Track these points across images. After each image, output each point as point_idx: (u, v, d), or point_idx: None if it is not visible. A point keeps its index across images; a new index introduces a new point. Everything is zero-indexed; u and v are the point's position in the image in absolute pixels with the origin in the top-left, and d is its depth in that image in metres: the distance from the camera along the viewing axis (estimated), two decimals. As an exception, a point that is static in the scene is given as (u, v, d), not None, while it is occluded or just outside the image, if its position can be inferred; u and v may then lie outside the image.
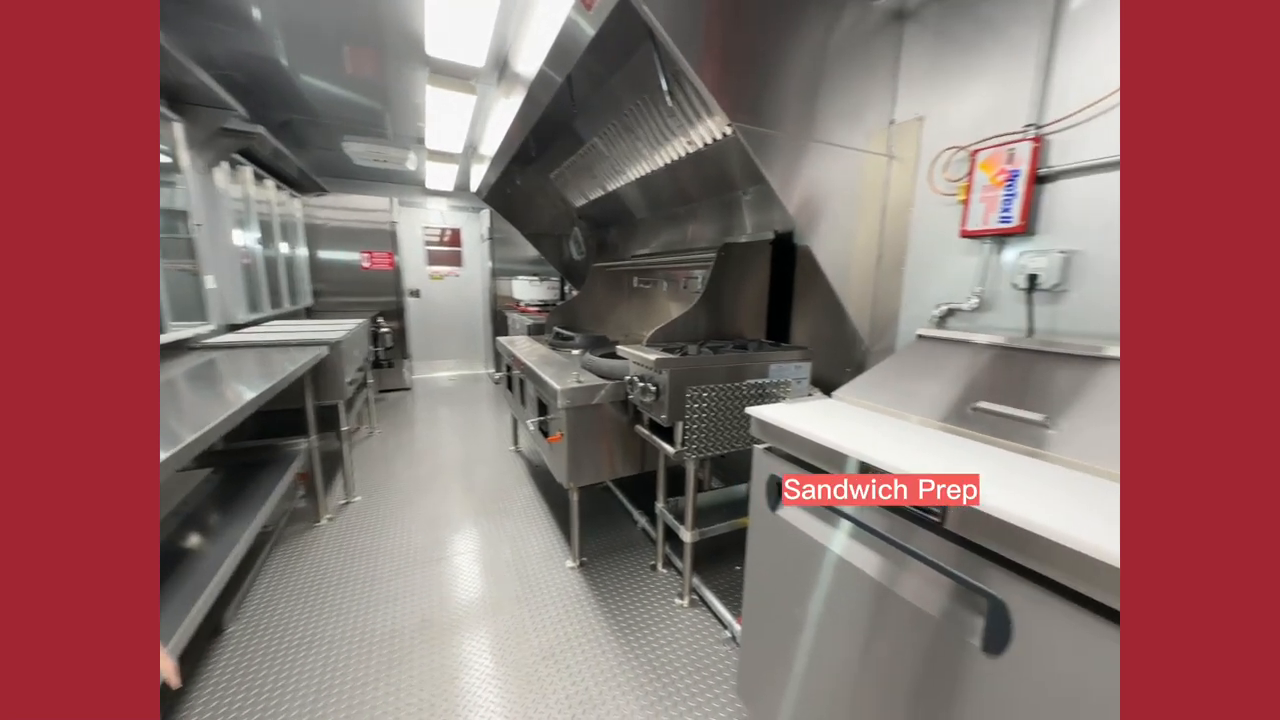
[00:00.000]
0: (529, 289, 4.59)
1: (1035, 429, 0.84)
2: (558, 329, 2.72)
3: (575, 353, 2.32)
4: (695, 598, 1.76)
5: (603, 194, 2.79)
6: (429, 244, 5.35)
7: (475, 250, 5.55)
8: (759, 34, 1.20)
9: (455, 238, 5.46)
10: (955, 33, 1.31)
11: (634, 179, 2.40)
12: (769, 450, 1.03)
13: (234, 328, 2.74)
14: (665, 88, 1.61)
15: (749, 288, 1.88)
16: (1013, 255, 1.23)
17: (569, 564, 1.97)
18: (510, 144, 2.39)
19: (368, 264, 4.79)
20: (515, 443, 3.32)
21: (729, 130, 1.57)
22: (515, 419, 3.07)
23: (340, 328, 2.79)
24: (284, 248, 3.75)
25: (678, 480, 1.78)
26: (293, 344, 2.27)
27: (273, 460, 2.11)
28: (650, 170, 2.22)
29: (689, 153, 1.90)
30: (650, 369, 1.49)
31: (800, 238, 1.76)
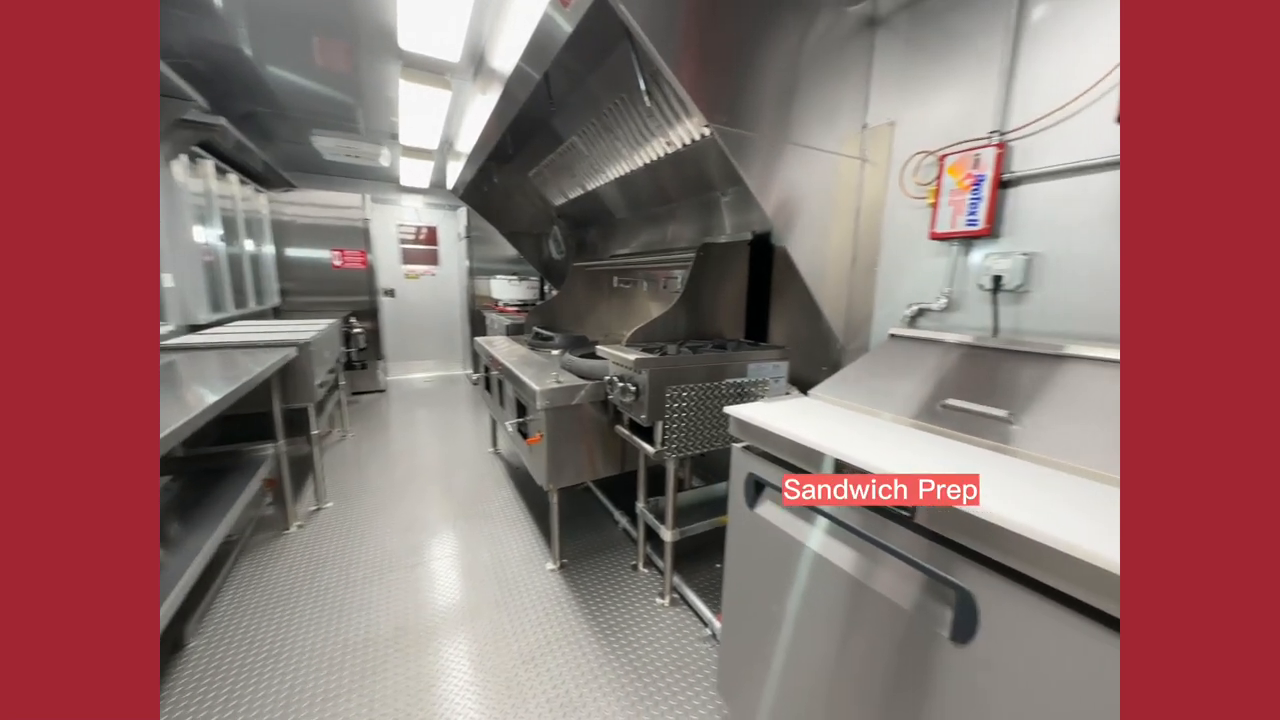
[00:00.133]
0: (508, 288, 4.53)
1: (1000, 425, 0.87)
2: (537, 329, 2.69)
3: (555, 353, 2.30)
4: (676, 596, 1.76)
5: (582, 193, 2.77)
6: (404, 242, 5.22)
7: (452, 249, 5.45)
8: (736, 36, 1.21)
9: (431, 236, 5.35)
10: (924, 40, 1.35)
11: (613, 178, 2.39)
12: (747, 449, 1.04)
13: (195, 328, 2.62)
14: (644, 87, 1.61)
15: (728, 288, 1.89)
16: (979, 257, 1.27)
17: (549, 566, 1.95)
18: (487, 141, 2.35)
19: (339, 262, 4.64)
20: (494, 445, 3.27)
21: (707, 131, 1.58)
22: (494, 420, 3.02)
23: (310, 328, 2.70)
24: (249, 245, 3.60)
25: (658, 480, 1.78)
26: (258, 345, 2.19)
27: (237, 466, 2.03)
28: (630, 170, 2.21)
29: (668, 153, 1.91)
30: (630, 369, 1.49)
31: (778, 239, 1.79)
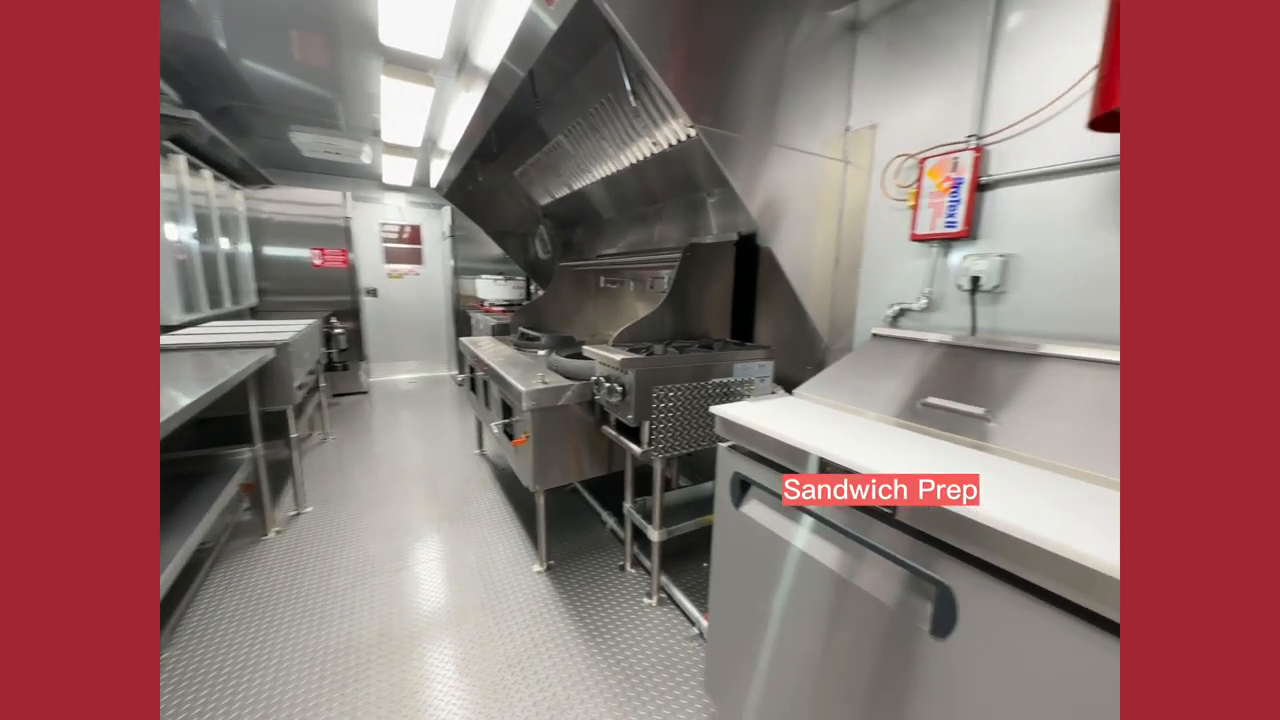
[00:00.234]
0: (493, 288, 4.48)
1: (978, 422, 0.89)
2: (523, 329, 2.66)
3: (541, 353, 2.28)
4: (664, 596, 1.76)
5: (568, 193, 2.76)
6: (387, 241, 5.14)
7: (436, 248, 5.37)
8: (721, 38, 1.22)
9: (415, 235, 5.27)
10: (905, 45, 1.37)
11: (600, 178, 2.38)
12: (733, 448, 1.04)
13: (167, 329, 2.54)
14: (629, 87, 1.61)
15: (714, 288, 1.90)
16: (958, 258, 1.30)
17: (536, 568, 1.94)
18: (471, 139, 2.32)
19: (319, 261, 4.54)
20: (480, 446, 3.23)
21: (692, 132, 1.59)
22: (479, 422, 2.99)
23: (288, 328, 2.63)
24: (224, 244, 3.50)
25: (645, 480, 1.78)
26: (234, 346, 2.13)
27: (212, 471, 1.97)
28: (616, 170, 2.21)
29: (654, 153, 1.91)
30: (616, 369, 1.49)
31: (763, 239, 1.80)
